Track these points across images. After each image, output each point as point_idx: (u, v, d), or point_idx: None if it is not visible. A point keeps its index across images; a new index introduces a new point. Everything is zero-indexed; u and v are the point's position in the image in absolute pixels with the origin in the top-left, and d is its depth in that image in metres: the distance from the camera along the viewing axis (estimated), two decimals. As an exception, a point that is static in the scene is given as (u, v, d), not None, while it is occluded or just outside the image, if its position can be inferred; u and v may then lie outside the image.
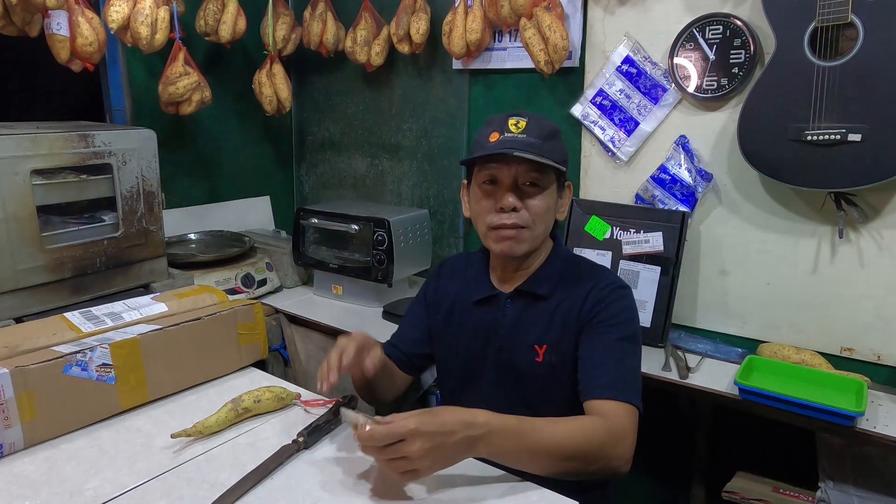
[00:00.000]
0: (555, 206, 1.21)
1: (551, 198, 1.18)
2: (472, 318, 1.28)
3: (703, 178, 1.68)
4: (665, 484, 1.88)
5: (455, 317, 1.31)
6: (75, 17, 1.72)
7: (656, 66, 1.73)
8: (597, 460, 1.00)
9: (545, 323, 1.20)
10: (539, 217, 1.16)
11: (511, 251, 1.18)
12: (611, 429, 1.02)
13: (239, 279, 2.00)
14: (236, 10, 2.09)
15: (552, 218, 1.21)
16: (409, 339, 1.37)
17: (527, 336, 1.21)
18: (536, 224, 1.17)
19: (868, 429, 1.28)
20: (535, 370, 1.20)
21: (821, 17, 1.37)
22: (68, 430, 1.07)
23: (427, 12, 2.05)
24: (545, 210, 1.17)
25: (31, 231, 1.43)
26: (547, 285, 1.22)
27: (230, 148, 2.45)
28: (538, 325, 1.21)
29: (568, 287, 1.21)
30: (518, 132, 1.15)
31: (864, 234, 1.50)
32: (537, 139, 1.14)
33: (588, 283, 1.20)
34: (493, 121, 1.20)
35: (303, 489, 0.93)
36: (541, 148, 1.13)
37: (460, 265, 1.37)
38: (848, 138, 1.38)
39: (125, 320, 1.24)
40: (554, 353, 1.19)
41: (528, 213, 1.15)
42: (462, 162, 1.22)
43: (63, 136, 1.47)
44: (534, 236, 1.18)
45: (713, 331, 1.74)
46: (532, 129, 1.15)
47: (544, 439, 0.97)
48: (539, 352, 1.19)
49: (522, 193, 1.15)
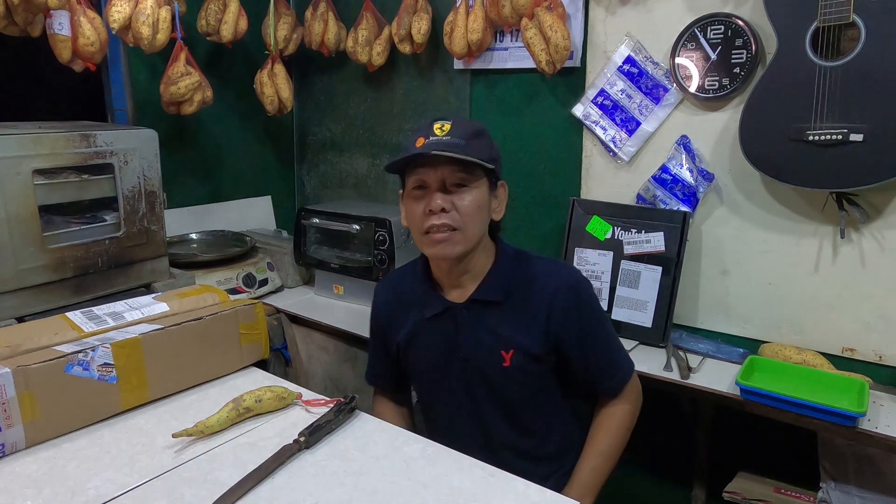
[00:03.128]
0: (487, 206, 1.21)
1: (482, 196, 1.18)
2: (431, 334, 1.28)
3: (704, 178, 1.68)
4: (666, 484, 1.88)
5: (414, 334, 1.31)
6: (77, 17, 1.72)
7: (658, 66, 1.73)
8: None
9: (507, 328, 1.21)
10: (470, 216, 1.16)
11: (444, 253, 1.18)
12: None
13: (240, 279, 2.00)
14: (238, 10, 2.09)
15: (486, 217, 1.21)
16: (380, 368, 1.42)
17: (490, 344, 1.21)
18: (468, 224, 1.17)
19: (869, 429, 1.28)
20: (504, 375, 1.21)
21: (823, 17, 1.37)
22: (70, 429, 1.07)
23: (428, 12, 2.05)
24: (475, 209, 1.17)
25: (33, 231, 1.43)
26: (500, 291, 1.22)
27: (231, 148, 2.45)
28: (500, 331, 1.21)
29: (524, 288, 1.22)
30: (442, 135, 1.16)
31: (866, 235, 1.50)
32: (461, 139, 1.15)
33: (548, 284, 1.22)
34: (419, 127, 1.21)
35: (304, 489, 0.93)
36: (464, 148, 1.14)
37: (405, 280, 1.35)
38: (850, 138, 1.38)
39: (127, 320, 1.24)
40: (521, 356, 1.20)
41: (458, 213, 1.16)
42: (386, 168, 1.23)
43: (65, 136, 1.47)
44: (466, 237, 1.17)
45: (714, 331, 1.74)
46: (456, 130, 1.16)
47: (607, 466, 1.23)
48: (506, 357, 1.20)
49: (451, 194, 1.16)
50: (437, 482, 0.95)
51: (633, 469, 1.89)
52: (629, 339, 1.68)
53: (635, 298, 1.71)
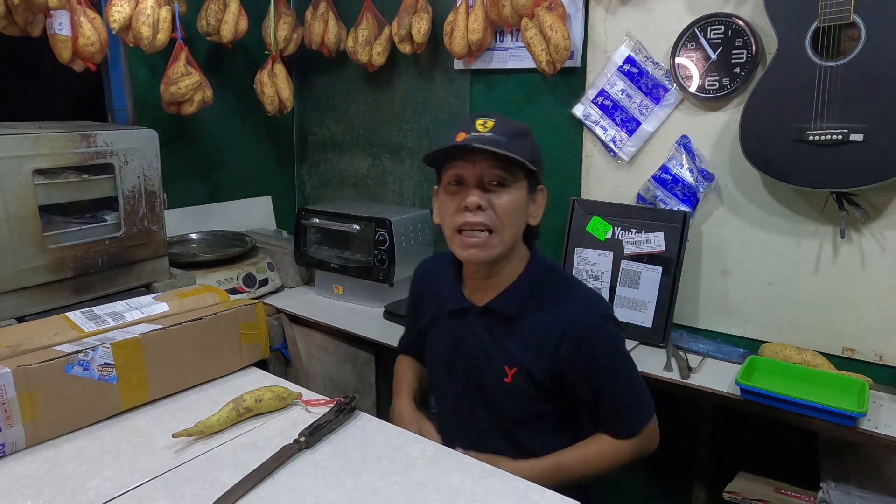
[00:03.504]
0: (525, 209, 1.15)
1: (520, 198, 1.13)
2: (446, 328, 1.27)
3: (704, 178, 1.68)
4: (666, 484, 1.88)
5: (434, 322, 1.31)
6: (77, 17, 1.72)
7: (658, 66, 1.73)
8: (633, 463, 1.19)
9: (516, 345, 1.17)
10: (506, 217, 1.11)
11: (476, 258, 1.14)
12: (643, 445, 1.19)
13: (240, 279, 2.00)
14: (238, 10, 2.09)
15: (522, 221, 1.16)
16: (411, 338, 1.44)
17: (496, 355, 1.19)
18: (504, 226, 1.12)
19: (870, 429, 1.28)
20: (502, 389, 1.19)
21: (823, 17, 1.37)
22: (70, 429, 1.07)
23: (428, 12, 2.05)
24: (513, 210, 1.12)
25: (33, 231, 1.43)
26: (517, 305, 1.18)
27: (232, 148, 2.45)
28: (509, 346, 1.18)
29: (541, 308, 1.17)
30: (484, 131, 1.11)
31: (866, 235, 1.50)
32: (503, 136, 1.10)
33: (565, 312, 1.15)
34: (461, 122, 1.18)
35: (304, 489, 0.93)
36: (507, 145, 1.08)
37: (438, 269, 1.34)
38: (850, 138, 1.38)
39: (127, 320, 1.24)
40: (523, 376, 1.17)
41: (495, 212, 1.11)
42: (424, 160, 1.16)
43: (65, 136, 1.47)
44: (502, 241, 1.13)
45: (715, 331, 1.74)
46: (499, 127, 1.11)
47: (578, 472, 1.16)
48: (508, 373, 1.17)
49: (489, 193, 1.11)
50: (437, 482, 0.95)
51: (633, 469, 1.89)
52: (629, 339, 1.68)
53: (635, 298, 1.71)
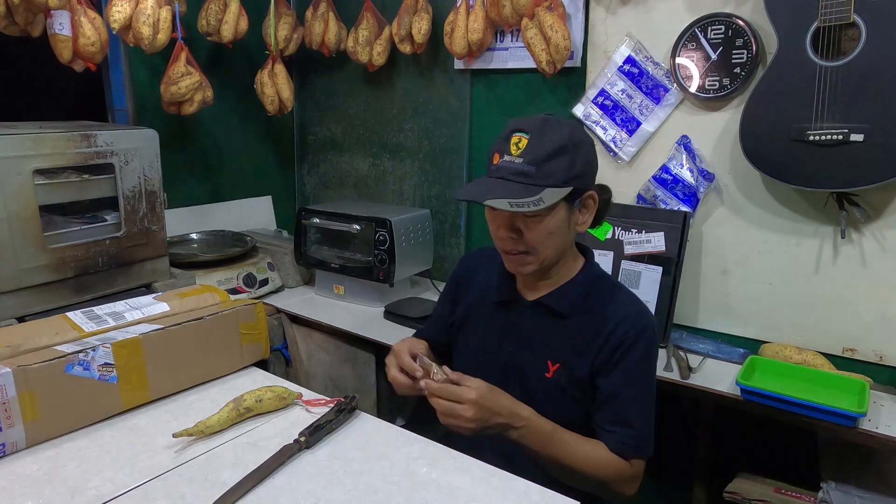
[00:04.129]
0: (565, 226, 1.13)
1: (557, 222, 1.11)
2: (491, 318, 1.27)
3: (704, 178, 1.68)
4: (666, 484, 1.88)
5: (476, 312, 1.30)
6: (77, 17, 1.72)
7: (658, 66, 1.73)
8: (601, 489, 1.14)
9: (561, 342, 1.18)
10: (540, 244, 1.12)
11: (520, 273, 1.18)
12: (626, 474, 1.13)
13: (241, 279, 2.00)
14: (238, 10, 2.09)
15: (563, 238, 1.15)
16: (433, 328, 1.42)
17: (541, 349, 1.20)
18: (541, 248, 1.12)
19: (870, 429, 1.28)
20: (542, 384, 1.19)
21: (823, 17, 1.37)
22: (70, 429, 1.07)
23: (429, 12, 2.05)
24: (545, 236, 1.11)
25: (34, 231, 1.43)
26: (568, 304, 1.19)
27: (232, 148, 2.45)
28: (554, 342, 1.19)
29: (590, 311, 1.18)
30: (517, 154, 1.08)
31: (867, 235, 1.50)
32: (532, 165, 1.06)
33: (613, 315, 1.15)
34: (502, 135, 1.13)
35: (304, 489, 0.93)
36: (535, 176, 1.06)
37: (486, 260, 1.34)
38: (850, 138, 1.38)
39: (127, 320, 1.24)
40: (564, 374, 1.17)
41: (528, 241, 1.12)
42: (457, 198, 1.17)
43: (65, 136, 1.47)
44: (540, 259, 1.14)
45: (715, 331, 1.74)
46: (531, 150, 1.07)
47: (564, 455, 1.10)
48: (551, 368, 1.18)
49: (521, 223, 1.12)
50: (437, 482, 0.95)
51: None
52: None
53: (636, 298, 1.71)
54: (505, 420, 1.06)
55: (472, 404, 1.03)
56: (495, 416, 1.05)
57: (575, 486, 1.10)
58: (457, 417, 1.03)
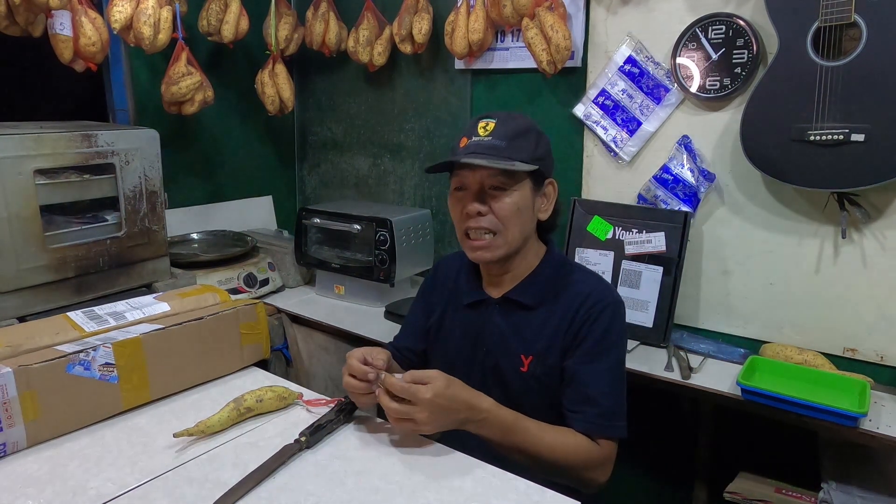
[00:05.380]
0: (530, 207, 1.17)
1: (523, 199, 1.15)
2: (463, 321, 1.28)
3: (705, 178, 1.68)
4: (667, 484, 1.88)
5: (448, 317, 1.32)
6: (78, 17, 1.72)
7: (659, 66, 1.73)
8: (572, 476, 1.11)
9: (532, 334, 1.19)
10: (508, 219, 1.14)
11: (482, 259, 1.18)
12: (595, 457, 1.11)
13: (241, 279, 2.00)
14: (239, 10, 2.09)
15: (528, 219, 1.18)
16: (406, 337, 1.42)
17: (513, 345, 1.20)
18: (507, 227, 1.14)
19: (871, 429, 1.28)
20: (519, 379, 1.20)
21: (824, 17, 1.37)
22: (71, 429, 1.07)
23: (429, 12, 2.05)
24: (514, 212, 1.14)
25: (35, 231, 1.43)
26: (534, 295, 1.20)
27: (232, 148, 2.45)
28: (525, 335, 1.20)
29: (556, 299, 1.19)
30: (485, 135, 1.14)
31: (867, 235, 1.50)
32: (502, 140, 1.12)
33: (577, 298, 1.17)
34: (467, 125, 1.20)
35: (305, 489, 0.93)
36: (505, 149, 1.12)
37: (455, 265, 1.36)
38: (851, 138, 1.38)
39: (128, 320, 1.24)
40: (539, 366, 1.18)
41: (496, 216, 1.14)
42: (426, 171, 1.21)
43: (66, 136, 1.48)
44: (506, 241, 1.16)
45: (715, 331, 1.74)
46: (499, 130, 1.14)
47: (529, 443, 1.08)
48: (525, 362, 1.19)
49: (490, 197, 1.14)
50: (437, 482, 0.95)
51: (633, 469, 1.89)
52: (630, 339, 1.67)
53: (636, 298, 1.71)
54: (463, 415, 1.03)
55: (425, 405, 0.99)
56: (452, 413, 1.02)
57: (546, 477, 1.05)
58: (410, 420, 1.00)
